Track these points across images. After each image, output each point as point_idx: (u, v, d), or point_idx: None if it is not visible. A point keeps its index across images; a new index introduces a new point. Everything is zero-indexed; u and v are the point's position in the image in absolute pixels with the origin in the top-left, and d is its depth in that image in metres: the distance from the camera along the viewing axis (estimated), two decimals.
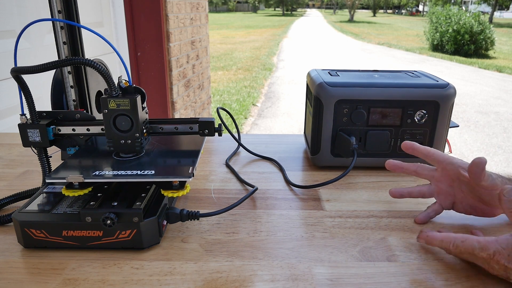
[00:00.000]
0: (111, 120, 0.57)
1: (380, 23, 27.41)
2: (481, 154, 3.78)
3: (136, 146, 0.59)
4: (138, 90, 0.59)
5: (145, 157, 0.61)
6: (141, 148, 0.60)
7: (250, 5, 63.65)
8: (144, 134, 0.61)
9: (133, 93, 0.58)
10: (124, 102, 0.56)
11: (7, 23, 1.44)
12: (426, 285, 0.48)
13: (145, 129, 0.61)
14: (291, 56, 10.30)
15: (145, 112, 0.61)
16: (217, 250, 0.55)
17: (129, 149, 0.59)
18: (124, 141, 0.59)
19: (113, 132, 0.58)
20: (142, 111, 0.59)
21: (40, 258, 0.53)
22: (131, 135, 0.58)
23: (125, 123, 0.58)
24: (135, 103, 0.56)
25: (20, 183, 0.77)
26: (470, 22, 10.69)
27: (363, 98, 0.77)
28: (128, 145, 0.59)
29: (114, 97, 0.56)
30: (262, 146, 0.97)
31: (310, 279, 0.50)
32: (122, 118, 0.57)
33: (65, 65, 0.55)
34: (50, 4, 0.60)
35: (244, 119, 4.73)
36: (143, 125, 0.60)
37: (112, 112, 0.57)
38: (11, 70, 0.54)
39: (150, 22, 2.25)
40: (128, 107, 0.57)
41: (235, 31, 18.80)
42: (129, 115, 0.57)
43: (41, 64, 0.53)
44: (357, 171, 0.82)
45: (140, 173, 0.55)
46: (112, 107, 0.56)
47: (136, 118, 0.57)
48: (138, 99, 0.57)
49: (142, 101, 0.59)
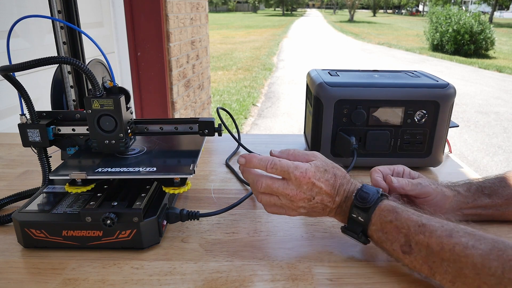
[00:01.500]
0: (95, 120, 0.57)
1: (380, 23, 27.41)
2: (481, 154, 3.78)
3: (121, 146, 0.59)
4: (123, 90, 0.59)
5: (146, 156, 0.61)
6: (126, 148, 0.60)
7: (250, 5, 63.67)
8: (129, 134, 0.61)
9: (117, 93, 0.58)
10: (108, 102, 0.56)
11: (7, 23, 1.44)
12: (426, 285, 0.48)
13: (129, 129, 0.61)
14: (291, 56, 10.30)
15: (130, 112, 0.62)
16: (217, 250, 0.55)
17: (113, 149, 0.60)
18: (108, 141, 0.59)
19: (97, 132, 0.58)
20: (126, 111, 0.59)
21: (40, 258, 0.53)
22: (115, 135, 0.58)
23: (109, 123, 0.58)
24: (119, 103, 0.56)
25: (20, 183, 0.77)
26: (470, 22, 10.69)
27: (363, 98, 0.77)
28: (112, 145, 0.59)
29: (98, 97, 0.56)
30: (262, 146, 0.97)
31: (310, 279, 0.50)
32: (106, 118, 0.57)
33: (49, 64, 0.54)
34: (50, 4, 0.60)
35: (244, 119, 4.73)
36: (128, 125, 0.60)
37: (96, 112, 0.57)
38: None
39: (150, 22, 2.25)
40: (112, 107, 0.57)
41: (235, 31, 18.80)
42: (113, 115, 0.57)
43: (24, 61, 0.52)
44: (357, 171, 0.82)
45: (142, 170, 0.55)
46: (95, 107, 0.57)
47: (120, 118, 0.57)
48: (122, 99, 0.57)
49: (127, 101, 0.60)
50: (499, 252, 0.41)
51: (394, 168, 0.63)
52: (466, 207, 0.59)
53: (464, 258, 0.42)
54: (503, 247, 0.41)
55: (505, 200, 0.59)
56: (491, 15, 26.40)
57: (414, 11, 55.60)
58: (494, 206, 0.59)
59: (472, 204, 0.59)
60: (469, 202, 0.59)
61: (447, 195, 0.58)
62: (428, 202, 0.58)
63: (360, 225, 0.51)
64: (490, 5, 29.80)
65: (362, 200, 0.51)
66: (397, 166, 0.63)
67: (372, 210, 0.50)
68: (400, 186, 0.58)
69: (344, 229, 0.54)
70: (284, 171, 0.52)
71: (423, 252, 0.45)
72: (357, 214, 0.51)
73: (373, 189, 0.52)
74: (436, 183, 0.60)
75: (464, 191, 0.60)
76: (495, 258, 0.40)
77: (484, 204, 0.59)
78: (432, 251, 0.44)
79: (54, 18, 0.60)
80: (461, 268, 0.42)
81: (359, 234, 0.51)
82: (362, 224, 0.51)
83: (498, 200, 0.59)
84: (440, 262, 0.44)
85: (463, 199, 0.59)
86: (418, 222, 0.47)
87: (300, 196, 0.52)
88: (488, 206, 0.59)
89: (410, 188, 0.58)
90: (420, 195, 0.58)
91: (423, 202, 0.58)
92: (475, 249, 0.42)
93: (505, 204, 0.59)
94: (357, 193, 0.52)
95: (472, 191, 0.60)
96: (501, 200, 0.59)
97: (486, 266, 0.40)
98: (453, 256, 0.43)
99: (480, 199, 0.59)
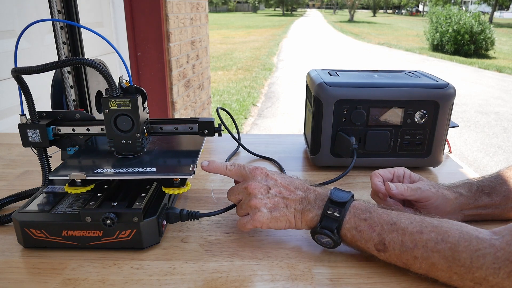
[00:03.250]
0: (112, 120, 0.57)
1: (380, 23, 27.41)
2: (481, 154, 3.78)
3: (137, 146, 0.59)
4: (139, 90, 0.59)
5: (146, 156, 0.61)
6: (142, 148, 0.60)
7: (250, 5, 63.65)
8: (145, 134, 0.61)
9: (134, 93, 0.58)
10: (125, 102, 0.56)
11: (7, 23, 1.44)
12: (426, 285, 0.48)
13: (145, 129, 0.61)
14: (291, 56, 10.30)
15: (146, 112, 0.61)
16: (217, 250, 0.55)
17: (130, 149, 0.59)
18: (125, 141, 0.59)
19: (114, 132, 0.58)
20: (143, 111, 0.59)
21: (40, 258, 0.53)
22: (132, 135, 0.58)
23: (126, 123, 0.58)
24: (136, 103, 0.56)
25: (20, 183, 0.77)
26: (470, 22, 10.68)
27: (363, 98, 0.77)
28: (129, 145, 0.59)
29: (115, 97, 0.56)
30: (262, 146, 0.97)
31: (310, 279, 0.50)
32: (123, 118, 0.57)
33: (66, 65, 0.55)
34: (50, 4, 0.60)
35: (244, 119, 4.73)
36: (144, 125, 0.60)
37: (113, 112, 0.57)
38: (11, 71, 0.54)
39: (150, 22, 2.25)
40: (129, 107, 0.56)
41: (235, 31, 18.80)
42: (130, 115, 0.57)
43: (42, 64, 0.52)
44: (357, 171, 0.82)
45: (142, 170, 0.55)
46: (113, 107, 0.56)
47: (137, 118, 0.57)
48: (139, 99, 0.57)
49: (143, 101, 0.59)
50: (465, 243, 0.44)
51: (395, 171, 0.63)
52: (467, 208, 0.59)
53: (437, 253, 0.45)
54: (468, 238, 0.45)
55: (503, 197, 0.59)
56: (491, 15, 26.40)
57: (414, 11, 55.59)
58: (493, 205, 0.59)
59: (473, 205, 0.59)
60: (470, 203, 0.59)
61: (448, 197, 0.58)
62: (428, 206, 0.58)
63: (336, 221, 0.51)
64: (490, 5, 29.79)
65: (337, 196, 0.53)
66: (397, 169, 0.63)
67: (347, 206, 0.52)
68: (399, 192, 0.58)
69: (317, 229, 0.52)
70: (240, 167, 0.58)
71: (397, 250, 0.48)
72: (332, 210, 0.52)
73: (344, 191, 0.54)
74: (436, 185, 0.59)
75: (466, 192, 0.60)
76: (463, 250, 0.44)
77: (484, 204, 0.59)
78: (406, 249, 0.47)
79: (71, 22, 0.60)
80: (434, 263, 0.45)
81: (334, 231, 0.51)
82: (338, 220, 0.51)
83: (497, 198, 0.59)
84: (413, 259, 0.47)
85: (465, 200, 0.59)
86: (389, 220, 0.49)
87: (256, 185, 0.54)
88: (488, 205, 0.60)
89: (409, 194, 0.58)
90: (420, 199, 0.58)
91: (423, 206, 0.58)
92: (445, 243, 0.45)
93: (503, 202, 0.59)
94: (332, 191, 0.54)
95: (473, 191, 0.60)
96: (499, 197, 0.59)
97: (456, 258, 0.44)
98: (426, 253, 0.46)
99: (481, 199, 0.60)
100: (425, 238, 0.46)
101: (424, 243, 0.46)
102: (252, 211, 0.54)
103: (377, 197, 0.61)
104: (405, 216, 0.50)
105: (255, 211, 0.54)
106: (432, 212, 0.58)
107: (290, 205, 0.54)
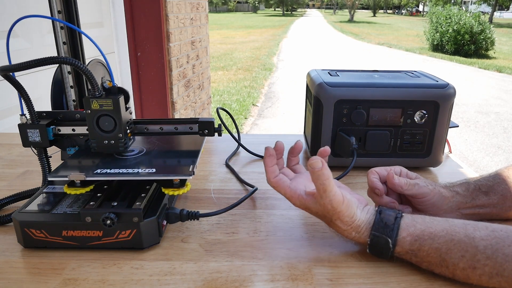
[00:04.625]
0: (94, 120, 0.57)
1: (380, 23, 27.41)
2: (481, 154, 3.78)
3: (120, 146, 0.59)
4: (122, 91, 0.59)
5: (146, 157, 0.61)
6: (125, 148, 0.60)
7: (250, 5, 63.65)
8: (128, 134, 0.61)
9: (116, 93, 0.58)
10: (107, 103, 0.56)
11: (8, 23, 1.44)
12: (426, 285, 0.48)
13: (129, 129, 0.61)
14: (291, 56, 10.30)
15: (129, 113, 0.61)
16: (217, 250, 0.55)
17: (112, 149, 0.59)
18: (108, 142, 0.59)
19: (97, 132, 0.58)
20: (125, 112, 0.59)
21: (40, 258, 0.53)
22: (115, 136, 0.58)
23: (108, 124, 0.58)
24: (118, 103, 0.56)
25: (20, 183, 0.77)
26: (470, 22, 10.69)
27: (363, 98, 0.77)
28: (112, 145, 0.59)
29: (97, 98, 0.56)
30: (262, 146, 0.97)
31: (310, 279, 0.50)
32: (105, 118, 0.57)
33: (48, 64, 0.54)
34: (50, 4, 0.60)
35: (244, 119, 4.73)
36: (127, 126, 0.60)
37: (95, 113, 0.57)
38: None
39: (150, 22, 2.25)
40: (111, 107, 0.56)
41: (235, 31, 18.80)
42: (112, 116, 0.57)
43: (24, 61, 0.52)
44: (357, 171, 0.82)
45: (142, 171, 0.55)
46: (95, 107, 0.56)
47: (119, 119, 0.57)
48: (121, 100, 0.57)
49: (126, 101, 0.60)
50: None
51: (391, 169, 0.63)
52: (464, 207, 0.59)
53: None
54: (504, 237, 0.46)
55: (501, 196, 0.59)
56: (491, 15, 26.41)
57: (414, 11, 55.60)
58: (491, 205, 0.59)
59: (471, 204, 0.59)
60: (467, 202, 0.59)
61: (444, 196, 0.58)
62: (425, 203, 0.58)
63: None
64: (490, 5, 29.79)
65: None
66: (394, 168, 0.63)
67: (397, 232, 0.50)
68: (399, 184, 0.58)
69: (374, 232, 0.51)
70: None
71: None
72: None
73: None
74: (433, 184, 0.60)
75: (462, 191, 0.60)
76: None
77: (482, 203, 0.59)
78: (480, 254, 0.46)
79: (54, 18, 0.60)
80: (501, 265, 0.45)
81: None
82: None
83: (494, 197, 0.59)
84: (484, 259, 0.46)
85: (462, 199, 0.59)
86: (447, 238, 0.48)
87: None
88: (485, 205, 0.59)
89: (407, 187, 0.58)
90: (416, 195, 0.58)
91: (419, 203, 0.58)
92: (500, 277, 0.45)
93: (501, 201, 0.59)
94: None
95: (470, 190, 0.60)
96: (497, 196, 0.59)
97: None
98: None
99: (478, 198, 0.60)
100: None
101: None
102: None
103: (374, 194, 0.61)
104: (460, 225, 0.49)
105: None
106: (429, 209, 0.58)
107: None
